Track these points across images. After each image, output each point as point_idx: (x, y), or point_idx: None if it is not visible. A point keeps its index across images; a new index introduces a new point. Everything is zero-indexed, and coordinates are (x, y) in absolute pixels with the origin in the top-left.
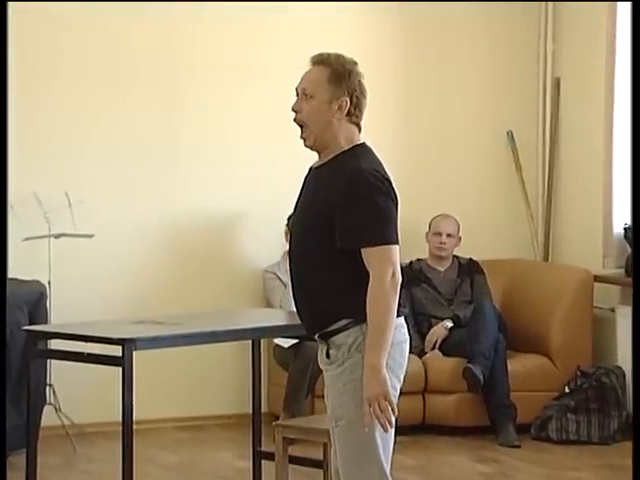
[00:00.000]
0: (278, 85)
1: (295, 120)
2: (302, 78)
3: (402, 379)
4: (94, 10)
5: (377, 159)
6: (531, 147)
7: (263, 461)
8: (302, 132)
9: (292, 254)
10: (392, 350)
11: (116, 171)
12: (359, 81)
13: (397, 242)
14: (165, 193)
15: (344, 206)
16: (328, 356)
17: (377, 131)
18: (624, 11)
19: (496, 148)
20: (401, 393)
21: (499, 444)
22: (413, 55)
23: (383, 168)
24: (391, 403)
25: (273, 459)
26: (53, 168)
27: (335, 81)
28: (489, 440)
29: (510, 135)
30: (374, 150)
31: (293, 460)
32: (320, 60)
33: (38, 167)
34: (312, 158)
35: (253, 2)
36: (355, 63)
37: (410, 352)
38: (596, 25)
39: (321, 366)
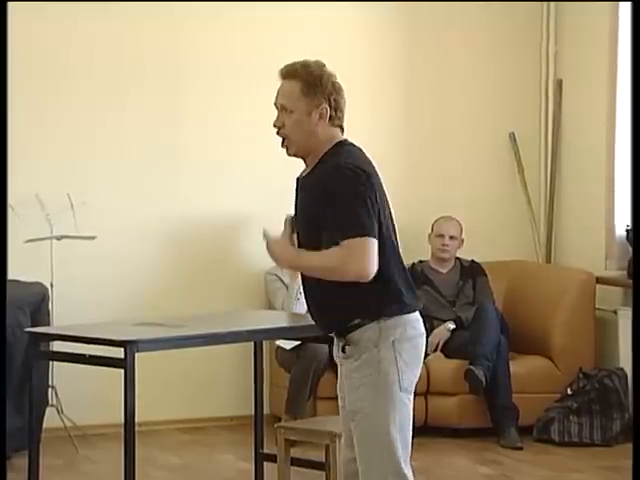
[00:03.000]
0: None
1: (279, 134)
2: (277, 93)
3: (418, 375)
4: (96, 11)
5: (356, 153)
6: (533, 149)
7: (265, 463)
8: (283, 143)
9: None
10: (407, 345)
11: (118, 173)
12: (332, 83)
13: (375, 235)
14: (167, 195)
15: (324, 207)
16: (344, 350)
17: (379, 133)
18: (626, 11)
19: (498, 150)
20: None
21: (501, 446)
22: (414, 56)
23: (361, 160)
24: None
25: (275, 461)
26: (55, 170)
27: (309, 91)
28: (491, 442)
29: (512, 137)
30: (356, 144)
31: (295, 462)
32: (289, 74)
33: (40, 169)
34: None
35: (256, 2)
36: (323, 66)
37: None
38: (598, 26)
39: (336, 360)
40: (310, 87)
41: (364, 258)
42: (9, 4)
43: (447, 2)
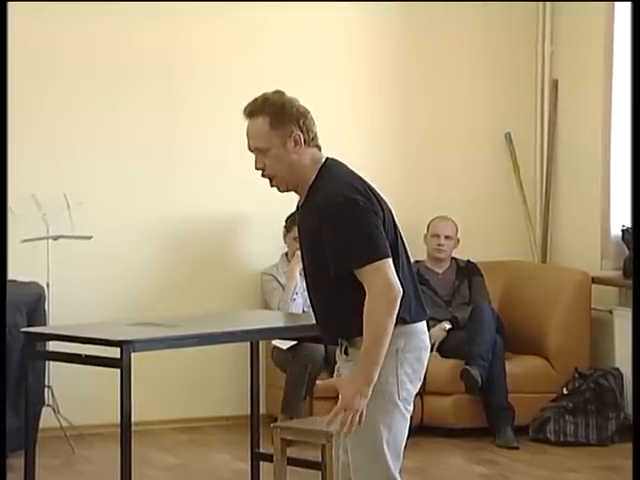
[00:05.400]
0: (277, 86)
1: (263, 176)
2: (248, 137)
3: (418, 386)
4: (92, 11)
5: (343, 172)
6: (529, 149)
7: (261, 463)
8: (271, 182)
9: (307, 282)
10: (411, 355)
11: (114, 173)
12: (296, 108)
13: (385, 254)
14: (164, 194)
15: (326, 236)
16: (346, 353)
17: (376, 133)
18: (622, 12)
19: (494, 150)
20: None
21: (497, 446)
22: (411, 56)
23: (352, 180)
24: (360, 419)
25: (271, 461)
26: (51, 170)
27: (277, 124)
28: (487, 442)
29: (508, 137)
30: (338, 160)
31: (291, 462)
32: (252, 112)
33: (36, 169)
34: None
35: (253, 2)
36: (283, 94)
37: None
38: (594, 26)
39: (338, 361)
40: (277, 119)
41: (389, 282)
42: (9, 4)
43: (444, 2)
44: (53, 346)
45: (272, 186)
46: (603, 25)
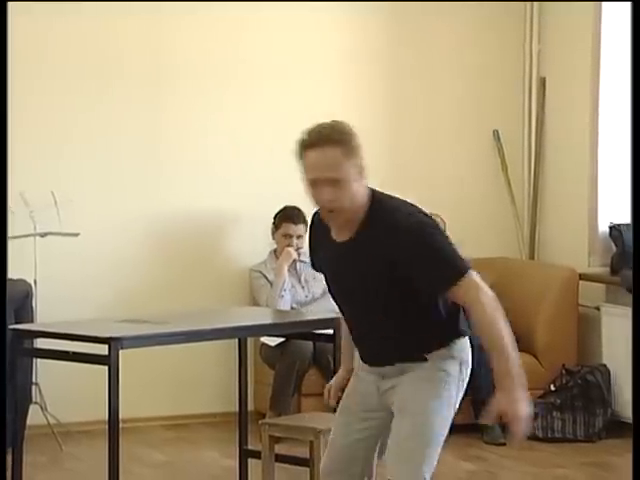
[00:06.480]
0: (265, 84)
1: (332, 209)
2: (317, 167)
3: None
4: (78, 10)
5: (397, 201)
6: (517, 146)
7: (249, 459)
8: (329, 215)
9: (358, 316)
10: (466, 369)
11: (102, 170)
12: (357, 136)
13: (469, 266)
14: (152, 192)
15: (411, 264)
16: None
17: (364, 132)
18: (609, 11)
19: (482, 147)
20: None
21: (485, 442)
22: (399, 55)
23: (411, 206)
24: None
25: (259, 457)
26: (39, 167)
27: (350, 154)
28: (475, 438)
29: (496, 134)
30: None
31: (279, 458)
32: (325, 141)
33: (24, 166)
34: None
35: (239, 2)
36: (342, 121)
37: None
38: (581, 25)
39: (384, 378)
40: (350, 149)
41: (485, 287)
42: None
43: (432, 2)
44: (40, 343)
45: (327, 220)
46: (590, 24)
